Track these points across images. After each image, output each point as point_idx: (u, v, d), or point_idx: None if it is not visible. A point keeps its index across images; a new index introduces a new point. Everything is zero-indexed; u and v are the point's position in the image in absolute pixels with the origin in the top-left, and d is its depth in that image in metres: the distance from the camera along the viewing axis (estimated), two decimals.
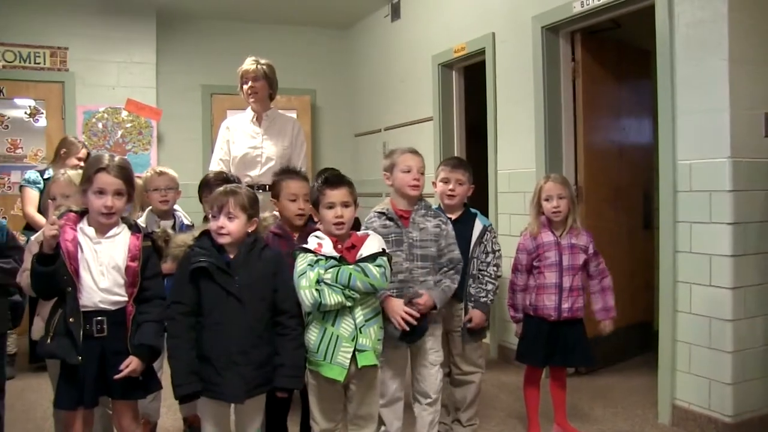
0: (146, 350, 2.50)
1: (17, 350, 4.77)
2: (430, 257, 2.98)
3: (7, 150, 6.16)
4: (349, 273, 2.54)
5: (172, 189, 3.49)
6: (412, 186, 2.99)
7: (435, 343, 3.05)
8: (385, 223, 2.98)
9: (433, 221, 3.02)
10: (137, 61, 6.50)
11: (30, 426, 3.74)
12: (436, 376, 3.03)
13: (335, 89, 7.45)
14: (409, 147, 3.13)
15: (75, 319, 2.45)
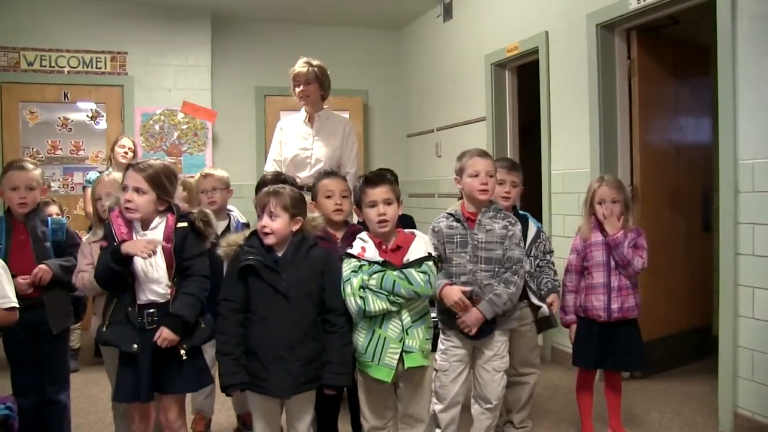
0: (177, 320, 2.54)
1: (80, 345, 4.92)
2: (494, 260, 2.93)
3: (70, 152, 6.38)
4: (393, 280, 2.55)
5: (218, 190, 3.54)
6: (481, 191, 2.94)
7: (501, 350, 3.01)
8: (452, 224, 2.97)
9: (501, 223, 2.98)
10: (193, 64, 6.63)
11: (92, 417, 3.87)
12: (499, 383, 3.00)
13: (387, 90, 7.46)
14: (477, 149, 3.08)
15: (132, 309, 2.57)
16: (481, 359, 2.99)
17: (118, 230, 2.61)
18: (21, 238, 3.12)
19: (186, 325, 2.57)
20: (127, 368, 2.58)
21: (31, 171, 3.17)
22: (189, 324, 2.58)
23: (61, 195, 5.98)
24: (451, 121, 6.32)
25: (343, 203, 3.03)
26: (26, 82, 6.17)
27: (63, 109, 6.39)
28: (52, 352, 3.20)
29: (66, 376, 3.33)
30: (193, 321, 2.60)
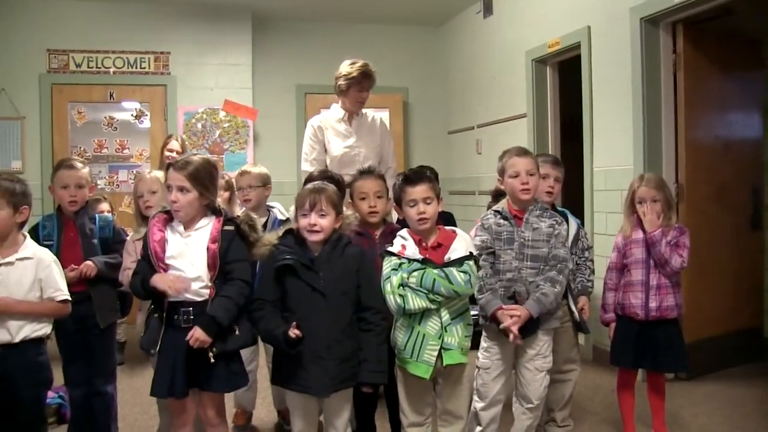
0: (211, 322, 2.52)
1: (126, 339, 5.03)
2: (540, 258, 2.93)
3: (115, 150, 6.52)
4: (434, 279, 2.55)
5: (254, 188, 3.56)
6: (522, 190, 2.93)
7: (544, 349, 2.99)
8: (500, 221, 2.97)
9: (547, 221, 2.97)
10: (234, 63, 6.71)
11: (137, 409, 3.95)
12: (541, 383, 2.98)
13: (427, 87, 7.45)
14: (517, 148, 3.06)
15: (158, 313, 2.61)
16: (524, 358, 2.98)
17: (152, 239, 2.61)
18: (71, 235, 3.21)
19: (219, 327, 2.54)
20: (164, 364, 2.61)
21: (80, 170, 3.25)
22: (223, 327, 2.55)
23: (107, 192, 6.11)
24: (492, 118, 6.29)
25: (377, 204, 3.03)
26: (74, 83, 6.35)
27: (109, 108, 6.53)
28: (99, 345, 3.28)
29: (113, 369, 3.42)
30: (227, 324, 2.56)
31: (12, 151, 6.20)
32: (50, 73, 6.29)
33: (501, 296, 2.89)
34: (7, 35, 6.14)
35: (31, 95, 6.24)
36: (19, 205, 2.67)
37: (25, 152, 6.21)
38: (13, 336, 2.59)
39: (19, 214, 2.68)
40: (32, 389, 2.66)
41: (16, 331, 2.60)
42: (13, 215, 2.65)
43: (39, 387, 2.71)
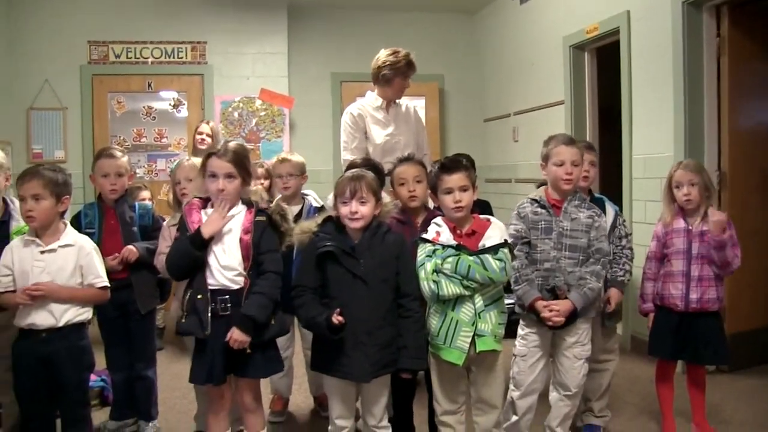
0: (248, 322, 2.57)
1: (165, 325, 5.12)
2: (579, 248, 2.90)
3: (154, 139, 6.61)
4: (468, 265, 2.55)
5: (294, 176, 3.58)
6: (565, 180, 2.91)
7: (583, 336, 2.96)
8: (537, 210, 2.95)
9: (586, 212, 2.94)
10: (270, 52, 6.74)
11: (177, 393, 4.03)
12: (580, 371, 2.96)
13: (463, 74, 7.40)
14: (564, 136, 3.02)
15: (203, 296, 2.61)
16: (562, 346, 2.96)
17: (191, 224, 2.65)
18: (111, 223, 3.28)
19: (257, 325, 2.60)
20: (202, 352, 2.65)
21: (119, 158, 3.32)
22: (260, 324, 2.61)
23: (145, 181, 6.19)
24: (529, 106, 6.22)
25: (417, 189, 3.05)
26: (114, 74, 6.45)
27: (147, 98, 6.62)
28: (140, 331, 3.36)
29: (153, 354, 3.50)
30: (264, 321, 2.61)
31: (55, 141, 6.34)
32: (91, 64, 6.40)
33: (539, 286, 2.87)
34: (50, 28, 6.27)
35: (72, 86, 6.37)
36: (61, 194, 2.73)
37: (67, 142, 6.35)
38: (57, 320, 2.67)
39: (60, 203, 2.74)
40: (75, 372, 2.74)
41: (59, 315, 2.67)
42: (56, 205, 2.72)
43: (81, 370, 2.79)
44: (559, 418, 2.99)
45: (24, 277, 2.67)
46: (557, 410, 3.00)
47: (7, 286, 2.68)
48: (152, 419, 3.43)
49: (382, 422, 2.69)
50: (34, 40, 6.23)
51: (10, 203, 3.07)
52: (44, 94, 6.29)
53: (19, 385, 2.75)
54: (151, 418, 3.42)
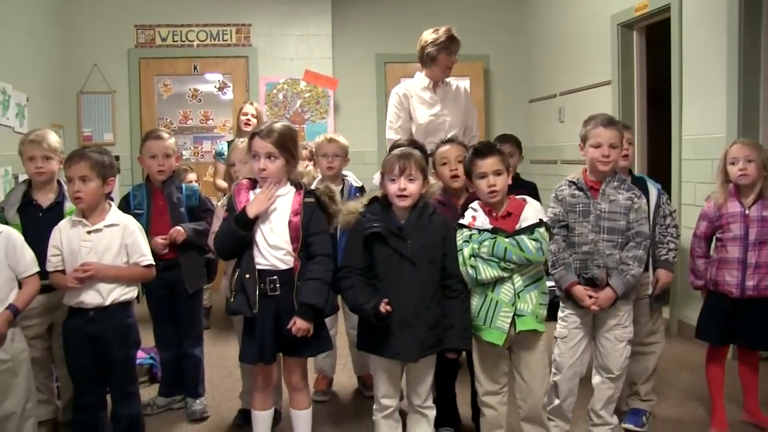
0: (308, 309, 2.59)
1: (211, 305, 5.22)
2: (617, 230, 2.85)
3: (200, 122, 6.71)
4: (505, 247, 2.55)
5: (339, 156, 3.58)
6: (602, 162, 2.86)
7: (624, 318, 2.93)
8: (575, 193, 2.91)
9: (625, 194, 2.88)
10: (314, 33, 6.75)
11: (223, 372, 4.10)
12: (622, 353, 2.92)
13: (509, 54, 7.29)
14: (603, 117, 2.95)
15: (251, 276, 2.63)
16: (604, 328, 2.92)
17: (239, 204, 2.68)
18: (160, 204, 3.34)
19: (317, 311, 2.62)
20: (252, 332, 2.68)
21: (167, 140, 3.37)
22: (320, 310, 2.63)
23: (191, 163, 6.30)
24: (575, 86, 6.11)
25: (459, 168, 3.03)
26: (160, 57, 6.56)
27: (193, 81, 6.72)
28: (187, 310, 3.43)
29: (200, 333, 3.57)
30: (323, 306, 2.63)
31: (104, 124, 6.49)
32: (138, 47, 6.52)
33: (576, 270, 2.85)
34: (98, 13, 6.40)
35: (120, 70, 6.50)
36: (107, 176, 2.79)
37: (115, 125, 6.49)
38: (104, 299, 2.73)
39: (106, 185, 2.80)
40: (122, 350, 2.81)
41: (106, 294, 2.74)
42: (102, 186, 2.77)
43: (128, 348, 2.85)
44: (603, 401, 2.96)
45: (72, 256, 2.73)
46: (600, 393, 2.97)
47: (57, 265, 2.76)
48: (199, 396, 3.50)
49: (427, 402, 2.71)
50: (83, 26, 6.36)
51: (63, 185, 3.15)
52: (93, 79, 6.43)
53: (70, 361, 2.84)
54: (198, 395, 3.49)
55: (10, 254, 2.61)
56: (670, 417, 3.33)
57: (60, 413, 3.22)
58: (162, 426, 3.34)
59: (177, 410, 3.51)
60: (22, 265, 2.64)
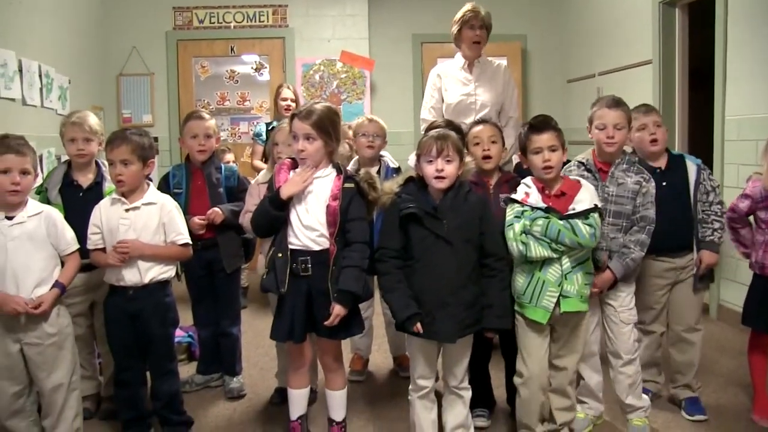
0: (347, 296, 2.59)
1: (248, 284, 5.28)
2: (623, 215, 2.83)
3: (237, 103, 6.76)
4: (558, 229, 2.54)
5: (379, 136, 3.58)
6: (607, 143, 2.84)
7: (628, 301, 2.91)
8: (583, 174, 2.89)
9: (634, 177, 2.85)
10: (350, 14, 6.73)
11: (260, 351, 4.16)
12: (629, 336, 2.90)
13: (546, 34, 7.18)
14: (609, 98, 2.92)
15: (282, 255, 2.65)
16: (608, 311, 2.92)
17: (278, 180, 2.68)
18: (198, 184, 3.38)
19: (355, 297, 2.62)
20: (283, 310, 2.70)
21: (207, 120, 3.41)
22: (358, 296, 2.63)
23: (229, 143, 6.36)
24: (614, 66, 5.99)
25: (491, 149, 3.01)
26: (198, 39, 6.61)
27: (230, 62, 6.77)
28: (225, 289, 3.48)
29: (237, 312, 3.62)
30: (361, 293, 2.62)
31: (143, 105, 6.58)
32: (175, 30, 6.58)
33: None
34: None
35: (158, 52, 6.57)
36: (147, 158, 2.83)
37: (154, 106, 6.57)
38: (143, 277, 2.78)
39: (147, 167, 2.84)
40: (161, 327, 2.86)
41: (144, 272, 2.79)
42: (143, 168, 2.81)
43: (166, 326, 2.90)
44: (625, 391, 2.92)
45: (112, 234, 2.78)
46: (620, 384, 2.93)
47: (97, 243, 2.81)
48: (236, 374, 3.55)
49: (463, 383, 2.71)
50: (122, 10, 6.45)
51: (101, 165, 3.21)
52: (132, 61, 6.52)
53: (111, 338, 2.91)
54: (235, 373, 3.55)
55: (52, 233, 2.67)
56: (711, 403, 3.27)
57: (102, 388, 3.30)
58: (200, 403, 3.40)
59: (215, 388, 3.58)
60: (63, 243, 2.70)
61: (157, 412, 2.96)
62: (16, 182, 2.54)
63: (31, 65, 4.58)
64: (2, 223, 2.58)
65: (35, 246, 2.62)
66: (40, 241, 2.63)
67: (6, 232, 2.57)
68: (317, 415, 3.16)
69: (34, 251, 2.61)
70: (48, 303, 2.60)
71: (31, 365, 2.64)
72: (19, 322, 2.59)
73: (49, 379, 2.66)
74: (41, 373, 2.65)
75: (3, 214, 2.59)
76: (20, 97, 4.42)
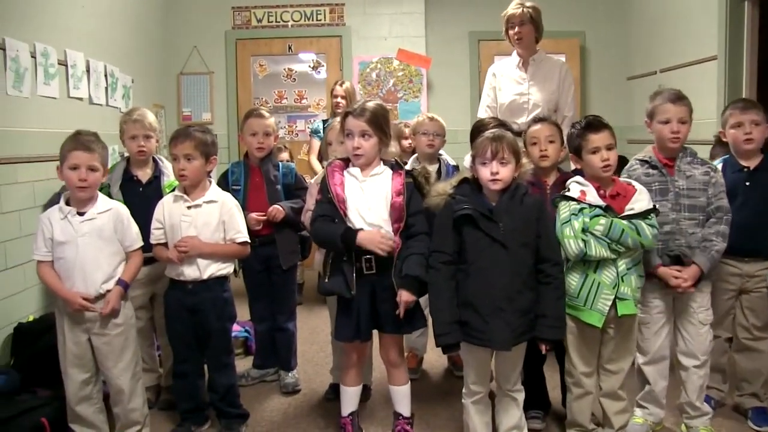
0: (413, 281, 2.58)
1: (303, 280, 5.34)
2: (698, 207, 2.75)
3: (294, 101, 6.83)
4: (622, 229, 2.49)
5: (439, 135, 3.59)
6: (671, 139, 2.76)
7: (706, 301, 2.83)
8: (648, 171, 2.82)
9: (700, 168, 2.79)
10: (407, 12, 6.71)
11: (315, 347, 4.21)
12: (706, 337, 2.82)
13: (606, 30, 7.02)
14: (671, 91, 2.84)
15: (348, 257, 2.65)
16: (686, 312, 2.83)
17: (333, 184, 2.68)
18: (256, 181, 3.44)
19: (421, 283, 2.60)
20: (347, 310, 2.70)
21: (267, 118, 3.47)
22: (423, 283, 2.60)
23: (286, 141, 6.43)
24: (677, 62, 5.82)
25: (548, 148, 2.96)
26: (256, 38, 6.70)
27: (288, 60, 6.83)
28: (282, 285, 3.52)
29: (293, 308, 3.66)
30: (425, 279, 2.60)
31: (202, 103, 6.70)
32: (234, 29, 6.68)
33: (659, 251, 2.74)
34: None
35: (218, 51, 6.68)
36: (209, 154, 2.89)
37: (213, 105, 6.69)
38: (202, 273, 2.85)
39: (209, 163, 2.89)
40: (218, 321, 2.92)
41: (204, 268, 2.85)
42: (205, 164, 2.88)
43: (224, 320, 2.96)
44: (696, 391, 2.85)
45: (173, 230, 2.86)
46: (692, 384, 2.85)
47: (159, 238, 2.89)
48: (291, 369, 3.59)
49: (517, 385, 2.68)
50: (183, 10, 6.58)
51: (159, 161, 3.29)
52: (193, 60, 6.65)
53: (171, 330, 2.99)
54: (290, 368, 3.59)
55: (119, 229, 2.74)
56: None
57: (162, 379, 3.39)
58: (256, 397, 3.45)
59: (270, 382, 3.63)
60: (128, 240, 2.77)
61: (214, 405, 3.02)
62: (83, 178, 2.62)
63: (98, 65, 4.72)
64: (74, 218, 2.67)
65: (104, 242, 2.70)
66: (108, 237, 2.72)
67: (77, 228, 2.66)
68: (370, 413, 3.18)
69: (102, 247, 2.70)
70: (114, 301, 2.69)
71: (98, 355, 2.74)
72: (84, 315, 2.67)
73: (116, 368, 2.75)
74: (108, 363, 2.74)
75: (75, 209, 2.68)
76: (87, 96, 4.56)
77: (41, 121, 3.90)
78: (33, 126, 3.81)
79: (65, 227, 2.66)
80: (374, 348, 3.18)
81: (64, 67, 4.24)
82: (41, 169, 3.77)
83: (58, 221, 2.67)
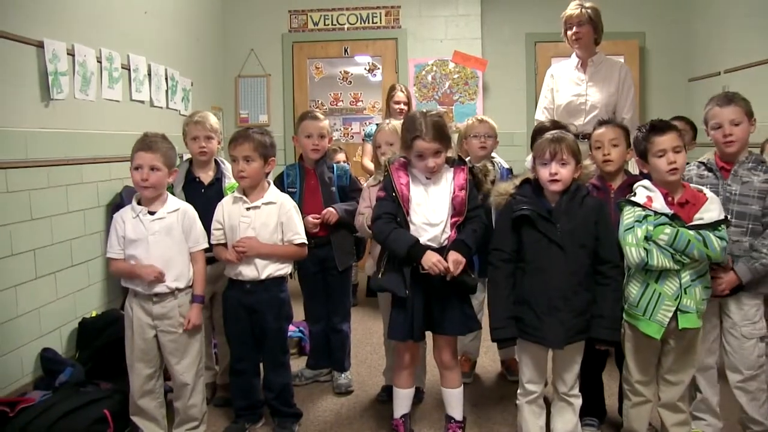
0: (463, 246, 2.63)
1: (358, 282, 5.37)
2: (748, 216, 2.65)
3: (350, 103, 6.88)
4: (689, 240, 2.41)
5: (491, 137, 3.56)
6: (725, 143, 2.68)
7: (752, 314, 2.71)
8: (702, 173, 2.76)
9: (762, 176, 2.67)
10: (462, 14, 6.69)
11: (368, 348, 4.22)
12: (752, 351, 2.70)
13: (666, 30, 6.86)
14: (720, 95, 2.77)
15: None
16: (728, 323, 2.73)
17: (398, 183, 2.71)
18: (312, 183, 3.46)
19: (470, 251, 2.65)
20: (401, 310, 2.72)
21: (322, 121, 3.49)
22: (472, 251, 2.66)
23: (341, 143, 6.48)
24: (743, 62, 5.64)
25: (611, 152, 2.90)
26: (313, 41, 6.78)
27: (343, 63, 6.89)
28: (337, 286, 3.54)
29: (348, 309, 3.68)
30: (474, 248, 2.67)
31: (259, 106, 6.82)
32: (291, 32, 6.77)
33: None
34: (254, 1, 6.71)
35: (274, 54, 6.79)
36: (268, 156, 2.94)
37: (270, 107, 6.80)
38: (260, 273, 2.89)
39: (267, 164, 2.94)
40: (275, 321, 2.96)
41: (261, 269, 2.90)
42: (264, 166, 2.92)
43: (281, 320, 3.00)
44: (747, 404, 2.73)
45: (233, 231, 2.91)
46: (741, 398, 2.74)
47: (219, 239, 2.95)
48: (345, 370, 3.61)
49: (573, 390, 2.65)
50: (241, 14, 6.71)
51: (221, 164, 3.35)
52: (250, 63, 6.77)
53: (229, 329, 3.04)
54: (344, 369, 3.61)
55: (186, 228, 2.83)
56: None
57: (218, 377, 3.45)
58: (309, 396, 3.48)
59: (323, 383, 3.66)
60: (193, 239, 2.85)
61: (269, 403, 3.06)
62: (144, 178, 2.71)
63: (159, 69, 4.85)
64: (145, 217, 2.76)
65: (173, 241, 2.79)
66: (176, 235, 2.80)
67: (148, 226, 2.75)
68: (422, 415, 3.17)
69: (171, 245, 2.79)
70: (195, 318, 2.81)
71: (164, 351, 2.83)
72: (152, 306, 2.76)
73: (180, 365, 2.83)
74: (173, 359, 2.82)
75: (146, 209, 2.77)
76: (148, 99, 4.69)
77: (105, 124, 4.04)
78: (97, 128, 3.95)
79: (137, 225, 2.75)
80: (428, 351, 3.19)
81: (127, 71, 4.38)
82: (104, 170, 3.90)
83: (130, 220, 2.77)
